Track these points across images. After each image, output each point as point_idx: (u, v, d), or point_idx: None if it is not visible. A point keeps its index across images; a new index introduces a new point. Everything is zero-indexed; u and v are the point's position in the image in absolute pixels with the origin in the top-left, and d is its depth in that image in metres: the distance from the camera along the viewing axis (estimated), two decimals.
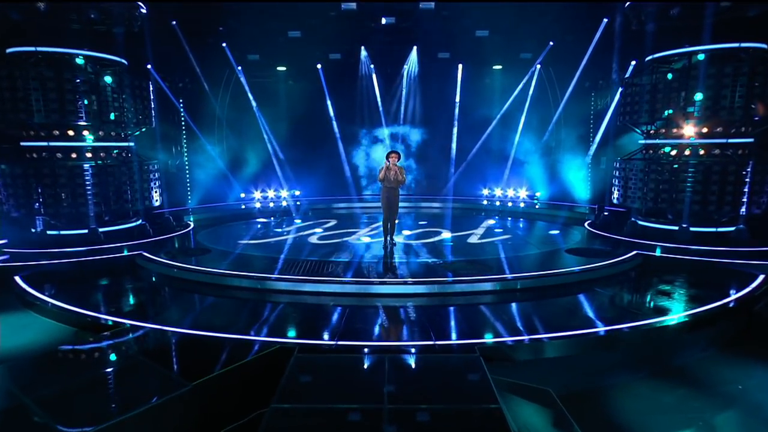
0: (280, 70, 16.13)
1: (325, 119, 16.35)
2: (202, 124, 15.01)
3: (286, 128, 16.07)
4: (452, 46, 14.93)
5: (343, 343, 5.24)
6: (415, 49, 15.72)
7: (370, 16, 13.49)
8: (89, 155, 10.39)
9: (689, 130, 10.17)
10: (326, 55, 15.54)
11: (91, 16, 10.11)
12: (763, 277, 7.34)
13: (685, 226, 10.21)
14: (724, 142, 9.99)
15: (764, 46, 9.74)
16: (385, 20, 13.53)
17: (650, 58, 10.75)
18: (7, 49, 9.74)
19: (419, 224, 12.66)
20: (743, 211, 10.04)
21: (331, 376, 4.51)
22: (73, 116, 9.96)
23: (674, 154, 10.46)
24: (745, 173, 9.89)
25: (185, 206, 14.42)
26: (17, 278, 7.53)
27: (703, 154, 10.18)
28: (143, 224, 11.38)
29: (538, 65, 15.13)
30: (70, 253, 9.32)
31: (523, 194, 15.25)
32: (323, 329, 5.81)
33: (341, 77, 16.20)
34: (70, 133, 10.14)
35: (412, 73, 16.20)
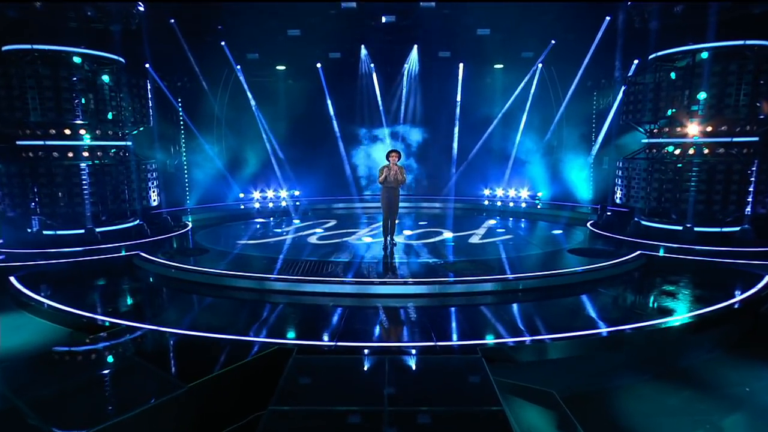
0: (279, 69, 16.10)
1: (325, 119, 16.31)
2: (200, 123, 14.98)
3: (285, 128, 16.05)
4: (453, 44, 14.90)
5: (342, 344, 5.15)
6: (415, 47, 15.66)
7: (370, 14, 13.44)
8: (86, 154, 10.32)
9: (693, 128, 10.09)
10: (326, 54, 15.51)
11: (88, 13, 10.06)
12: None
13: (689, 226, 10.13)
14: (728, 141, 9.92)
15: None
16: (385, 19, 13.49)
17: (653, 56, 10.68)
18: (3, 47, 9.68)
19: (420, 224, 12.59)
20: (748, 210, 9.99)
21: (330, 377, 4.44)
22: (69, 115, 9.91)
23: (678, 153, 10.39)
24: (750, 172, 9.85)
25: (183, 206, 14.40)
26: (12, 279, 7.45)
27: (707, 153, 10.10)
28: (141, 224, 11.32)
29: (539, 64, 15.09)
30: (66, 253, 9.26)
31: (524, 194, 15.17)
32: (322, 330, 5.74)
33: (341, 76, 16.16)
34: (66, 132, 10.08)
35: (412, 72, 16.15)
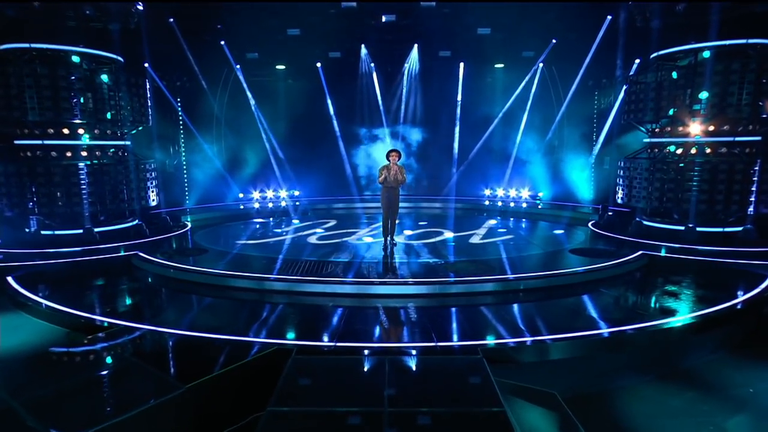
0: (279, 68, 16.06)
1: (325, 118, 16.27)
2: (200, 123, 14.94)
3: (285, 127, 16.01)
4: (453, 44, 14.83)
5: (342, 344, 5.10)
6: (416, 47, 15.60)
7: (370, 13, 13.40)
8: (84, 154, 10.27)
9: (695, 128, 10.03)
10: (326, 53, 15.45)
11: (86, 12, 10.01)
12: None
13: (691, 226, 10.07)
14: (731, 140, 9.87)
15: None
16: (385, 18, 13.44)
17: (655, 55, 10.63)
18: (0, 45, 9.60)
19: (420, 224, 12.54)
20: (751, 210, 9.93)
21: (330, 378, 4.40)
22: (68, 114, 9.86)
23: (680, 152, 10.34)
24: (752, 172, 9.79)
25: (183, 206, 14.35)
26: (9, 279, 7.40)
27: (709, 152, 10.04)
28: (139, 224, 11.27)
29: (540, 63, 15.04)
30: (64, 253, 9.20)
31: (525, 194, 15.10)
32: (322, 330, 5.69)
33: (341, 76, 16.11)
34: (65, 131, 10.03)
35: (412, 71, 16.09)
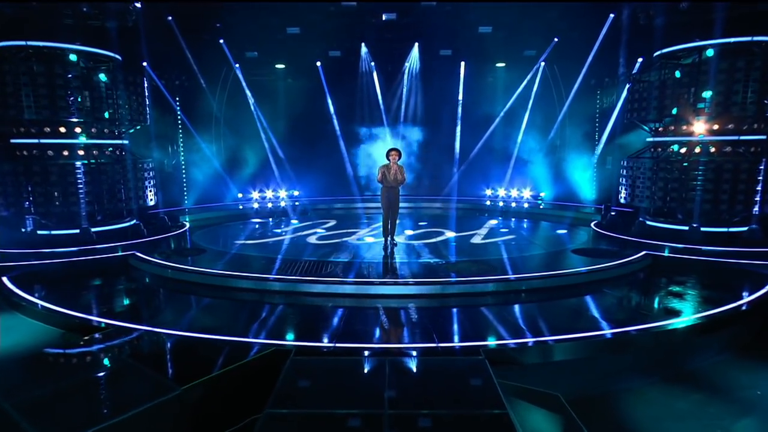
0: (278, 67, 15.99)
1: (325, 118, 16.20)
2: (198, 122, 14.87)
3: (285, 127, 15.96)
4: (454, 42, 14.79)
5: (341, 345, 5.02)
6: (416, 46, 15.54)
7: (370, 12, 13.33)
8: (81, 153, 10.17)
9: (699, 127, 9.95)
10: (326, 52, 15.39)
11: (83, 10, 9.92)
12: None
13: (695, 226, 9.98)
14: (735, 139, 9.77)
15: None
16: (385, 16, 13.38)
17: (658, 53, 10.54)
18: None
19: (420, 224, 12.47)
20: (756, 210, 9.84)
21: (329, 379, 4.32)
22: (64, 113, 9.77)
23: (684, 152, 10.25)
24: (758, 171, 9.70)
25: (181, 206, 14.28)
26: (4, 279, 7.35)
27: (713, 151, 9.95)
28: (137, 224, 11.19)
29: (542, 62, 14.96)
30: (60, 253, 9.12)
31: (527, 194, 15.00)
32: (321, 331, 5.62)
33: (341, 75, 16.04)
34: (61, 130, 9.93)
35: (413, 70, 16.02)
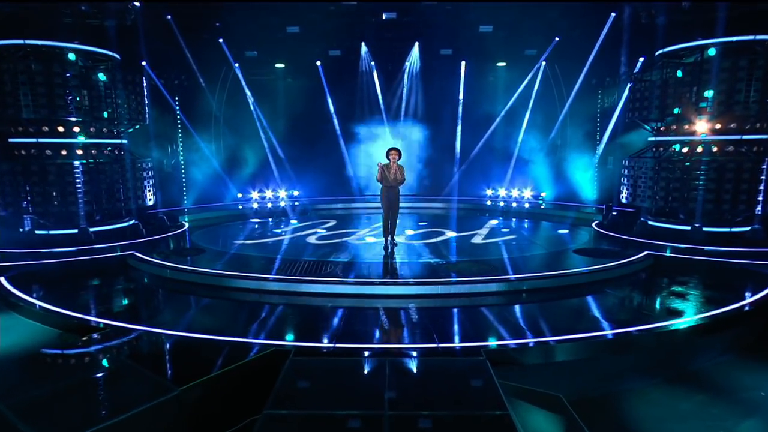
0: (278, 66, 15.95)
1: (325, 117, 16.16)
2: (198, 122, 14.82)
3: (284, 126, 15.91)
4: (455, 42, 14.74)
5: (341, 345, 4.98)
6: (416, 45, 15.49)
7: (370, 11, 13.30)
8: (80, 152, 10.13)
9: (701, 126, 9.90)
10: (326, 51, 15.35)
11: (82, 9, 9.89)
12: None
13: (697, 226, 9.93)
14: (738, 138, 9.73)
15: None
16: (385, 15, 13.34)
17: (660, 52, 10.50)
18: None
19: (421, 224, 12.44)
20: (759, 210, 9.79)
21: (328, 380, 4.29)
22: (63, 112, 9.73)
23: (686, 151, 10.21)
24: (760, 171, 9.65)
25: (180, 206, 14.24)
26: (2, 279, 7.32)
27: (716, 151, 9.91)
28: (136, 224, 11.15)
29: (543, 61, 14.91)
30: (59, 253, 9.09)
31: (527, 194, 14.94)
32: (321, 331, 5.59)
33: (341, 74, 16.00)
34: (60, 129, 9.90)
35: (413, 69, 15.97)
